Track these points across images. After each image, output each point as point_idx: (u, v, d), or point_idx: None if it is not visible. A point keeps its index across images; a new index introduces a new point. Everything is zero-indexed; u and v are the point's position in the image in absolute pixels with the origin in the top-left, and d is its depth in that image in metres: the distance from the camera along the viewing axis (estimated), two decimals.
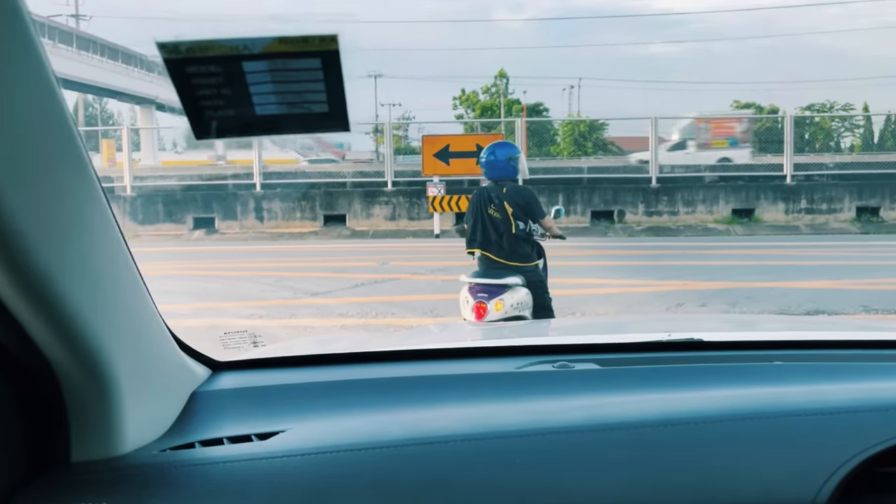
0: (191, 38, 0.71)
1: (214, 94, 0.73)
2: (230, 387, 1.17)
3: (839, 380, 1.14)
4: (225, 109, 0.74)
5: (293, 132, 0.77)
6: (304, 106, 0.75)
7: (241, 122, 0.75)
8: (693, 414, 1.02)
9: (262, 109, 0.75)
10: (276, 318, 7.12)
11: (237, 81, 0.73)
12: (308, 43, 0.71)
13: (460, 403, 1.10)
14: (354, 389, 1.16)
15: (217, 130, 0.75)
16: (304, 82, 0.74)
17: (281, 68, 0.73)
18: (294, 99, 0.75)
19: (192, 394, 1.13)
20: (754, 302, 7.71)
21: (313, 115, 0.76)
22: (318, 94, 0.74)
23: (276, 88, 0.74)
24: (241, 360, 1.29)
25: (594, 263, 10.50)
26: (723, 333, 1.62)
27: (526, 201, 4.86)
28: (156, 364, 1.04)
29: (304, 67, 0.73)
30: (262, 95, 0.74)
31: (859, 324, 2.25)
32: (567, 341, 1.61)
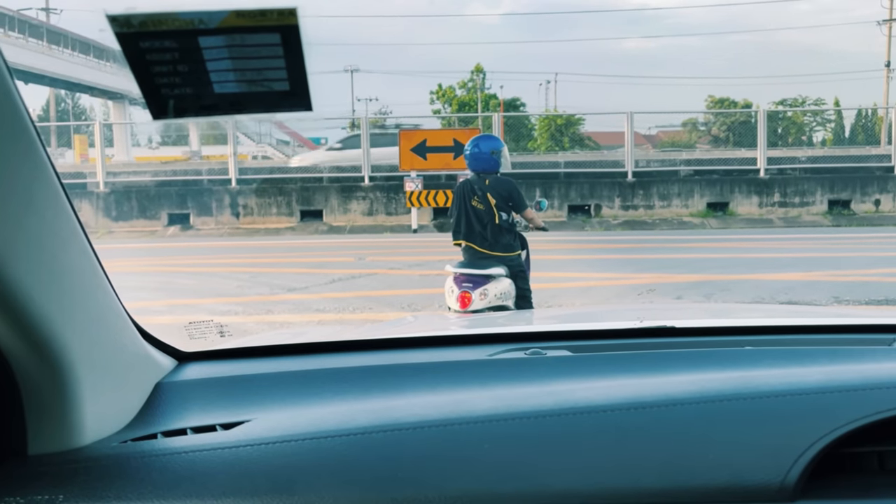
0: (143, 11, 0.68)
1: (170, 72, 0.70)
2: (196, 377, 1.15)
3: (808, 363, 1.15)
4: (182, 87, 0.71)
5: (253, 112, 0.74)
6: (265, 84, 0.72)
7: (199, 101, 0.72)
8: (662, 397, 1.02)
9: (220, 87, 0.72)
10: (252, 314, 7.06)
11: (194, 58, 0.70)
12: (266, 17, 0.68)
13: (431, 391, 1.09)
14: (323, 378, 1.15)
15: (175, 110, 0.72)
16: (264, 58, 0.71)
17: (239, 43, 0.70)
18: (254, 77, 0.72)
19: (157, 384, 1.11)
20: (729, 294, 7.79)
21: (274, 93, 0.72)
22: (278, 72, 0.71)
23: (235, 65, 0.71)
24: (207, 351, 1.28)
25: (572, 257, 10.55)
26: (694, 320, 1.62)
27: (509, 193, 4.95)
28: (117, 355, 1.02)
29: (262, 43, 0.69)
30: (220, 73, 0.71)
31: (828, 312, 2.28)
32: (540, 329, 1.59)
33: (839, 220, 16.13)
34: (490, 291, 4.80)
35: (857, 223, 15.83)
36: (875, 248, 11.43)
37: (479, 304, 4.76)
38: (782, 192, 16.82)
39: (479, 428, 0.97)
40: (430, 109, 52.98)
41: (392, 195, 16.44)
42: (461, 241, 5.04)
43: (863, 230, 14.74)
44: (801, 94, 58.37)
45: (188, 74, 0.71)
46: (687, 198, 16.79)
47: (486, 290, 4.79)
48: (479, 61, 54.96)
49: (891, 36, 48.22)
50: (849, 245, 12.00)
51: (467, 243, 5.01)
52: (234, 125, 18.03)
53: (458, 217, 5.03)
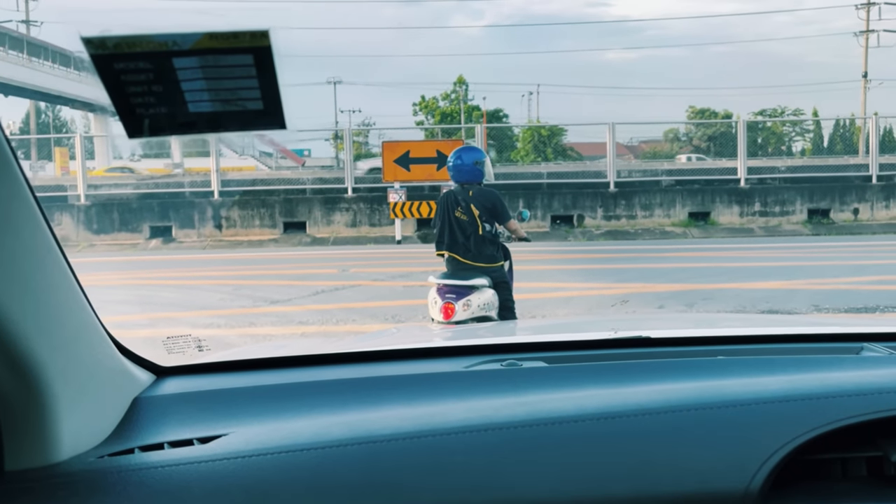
0: (118, 34, 0.69)
1: (145, 92, 0.72)
2: (174, 392, 1.15)
3: (775, 372, 1.17)
4: (157, 107, 0.73)
5: (228, 130, 0.75)
6: (239, 103, 0.74)
7: (174, 120, 0.74)
8: (632, 407, 1.04)
9: (195, 107, 0.73)
10: (234, 327, 7.02)
11: (168, 78, 0.71)
12: (239, 38, 0.70)
13: (407, 403, 1.10)
14: (300, 392, 1.15)
15: (150, 129, 0.73)
16: (237, 79, 0.72)
17: (212, 64, 0.71)
18: (228, 96, 0.73)
19: (135, 399, 1.11)
20: (711, 303, 7.86)
21: (248, 112, 0.74)
22: (251, 91, 0.73)
23: (209, 85, 0.72)
24: (186, 365, 1.28)
25: (555, 267, 10.59)
26: (668, 330, 1.64)
27: (492, 204, 4.98)
28: (94, 370, 1.03)
29: (236, 64, 0.71)
30: (194, 93, 0.73)
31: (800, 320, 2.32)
32: (516, 340, 1.61)
33: (818, 228, 16.32)
34: (473, 302, 4.81)
35: (836, 232, 16.03)
36: (854, 257, 11.57)
37: (462, 314, 4.77)
38: (763, 202, 17.00)
39: (453, 439, 0.98)
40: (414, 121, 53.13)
41: (376, 206, 16.44)
42: (444, 252, 5.06)
43: (842, 239, 14.93)
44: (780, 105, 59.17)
45: (163, 94, 0.72)
46: (669, 207, 16.92)
47: (470, 300, 4.80)
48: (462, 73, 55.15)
49: (868, 47, 49.02)
50: (828, 254, 12.15)
51: (450, 254, 5.03)
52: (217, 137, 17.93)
53: (442, 228, 5.05)
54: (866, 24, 49.35)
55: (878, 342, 1.37)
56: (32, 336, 0.87)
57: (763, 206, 16.98)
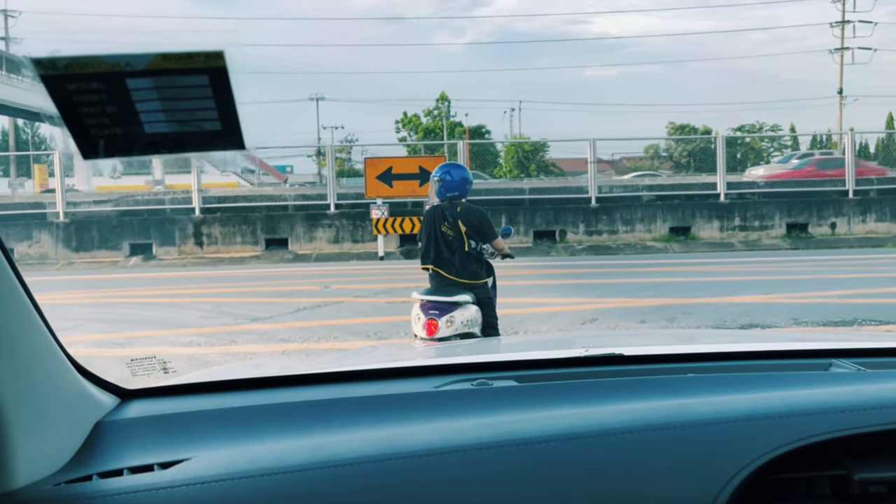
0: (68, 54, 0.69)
1: (99, 112, 0.71)
2: (138, 415, 1.13)
3: (742, 390, 1.17)
4: (112, 128, 0.72)
5: (185, 151, 0.75)
6: (195, 124, 0.73)
7: (130, 140, 0.73)
8: (598, 427, 1.04)
9: (151, 128, 0.73)
10: (215, 346, 6.96)
11: (122, 99, 0.71)
12: (193, 59, 0.70)
13: (373, 425, 1.09)
14: (266, 414, 1.14)
15: (105, 150, 0.73)
16: (193, 99, 0.72)
17: (167, 85, 0.71)
18: (184, 117, 0.73)
19: (97, 423, 1.08)
20: (691, 318, 7.91)
21: (205, 133, 0.74)
22: (208, 112, 0.72)
23: (164, 106, 0.72)
24: (151, 388, 1.25)
25: (537, 283, 10.62)
26: (639, 347, 1.64)
27: (479, 222, 5.00)
28: (52, 394, 1.00)
29: (191, 84, 0.71)
30: (149, 113, 0.72)
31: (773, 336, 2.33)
32: (487, 359, 1.59)
33: (797, 242, 16.51)
34: (457, 318, 4.80)
35: (814, 246, 16.23)
36: (831, 271, 11.71)
37: (445, 331, 4.76)
38: (742, 216, 17.19)
39: (416, 462, 0.97)
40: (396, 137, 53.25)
41: (358, 222, 16.42)
42: (430, 266, 5.06)
43: (820, 253, 15.11)
44: (758, 121, 59.94)
45: (117, 115, 0.71)
46: (650, 223, 17.05)
47: (453, 317, 4.79)
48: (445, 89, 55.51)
49: (843, 64, 49.91)
50: (806, 268, 12.28)
51: (435, 269, 5.03)
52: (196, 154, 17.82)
53: (428, 242, 5.05)
54: (841, 41, 50.27)
55: (847, 358, 1.38)
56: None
57: (743, 220, 17.16)
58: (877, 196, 17.62)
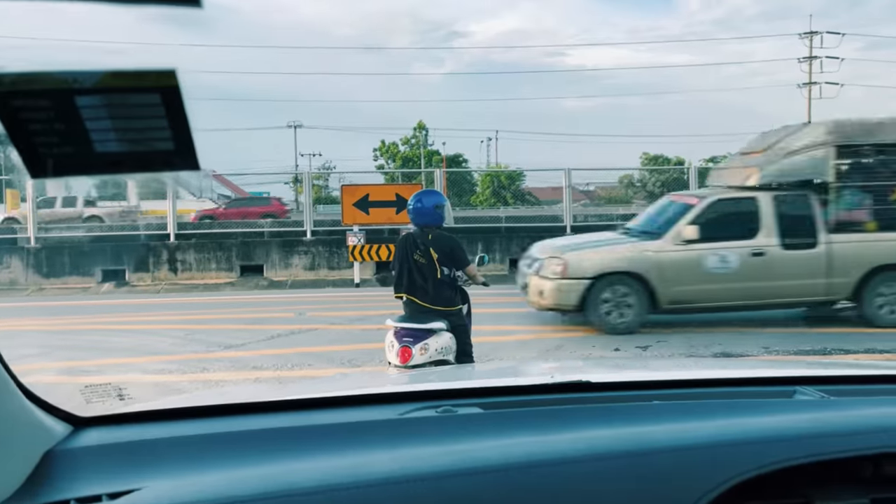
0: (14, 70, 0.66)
1: (47, 130, 0.69)
2: (90, 444, 1.09)
3: (705, 417, 1.17)
4: (61, 147, 0.70)
5: (137, 171, 0.73)
6: (147, 143, 0.71)
7: (80, 159, 0.71)
8: (558, 455, 1.03)
9: (102, 147, 0.70)
10: (186, 373, 6.87)
11: (71, 117, 0.68)
12: (144, 77, 0.68)
13: (335, 453, 1.07)
14: (221, 443, 1.11)
15: (54, 168, 0.71)
16: (145, 118, 0.70)
17: (117, 103, 0.69)
18: (136, 136, 0.71)
19: (47, 452, 1.05)
20: (665, 346, 7.97)
21: (158, 152, 0.72)
22: (161, 132, 0.70)
23: (115, 125, 0.70)
24: (105, 416, 1.22)
25: (513, 310, 10.64)
26: (605, 374, 1.65)
27: (451, 249, 5.00)
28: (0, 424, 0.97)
29: (142, 103, 0.69)
30: (100, 132, 0.70)
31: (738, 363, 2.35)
32: (453, 386, 1.59)
33: None
34: (431, 346, 4.79)
35: None
36: None
37: (419, 358, 4.75)
38: None
39: (376, 491, 0.96)
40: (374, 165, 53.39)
41: (334, 249, 16.38)
42: (403, 294, 5.06)
43: None
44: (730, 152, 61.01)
45: (66, 133, 0.69)
46: None
47: (427, 344, 4.78)
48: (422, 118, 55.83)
49: (811, 98, 51.15)
50: None
51: (409, 297, 5.02)
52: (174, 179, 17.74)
53: (401, 270, 5.06)
54: (809, 76, 51.60)
55: (811, 385, 1.39)
56: None
57: None
58: None
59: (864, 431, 1.13)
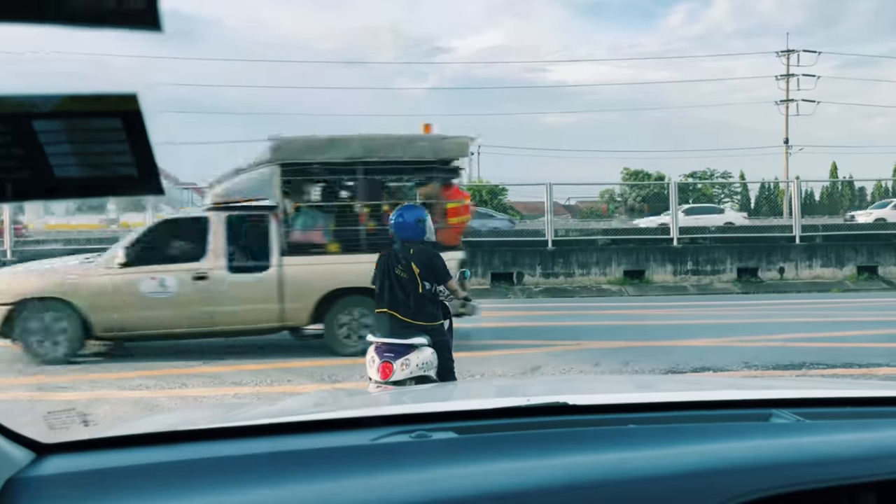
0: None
1: (5, 155, 0.67)
2: (53, 472, 1.06)
3: (683, 442, 1.17)
4: (20, 171, 0.68)
5: (100, 195, 0.72)
6: (110, 168, 0.70)
7: (40, 184, 0.69)
8: (534, 484, 1.02)
9: (61, 171, 0.69)
10: (164, 389, 6.78)
11: (29, 141, 0.67)
12: (104, 102, 0.67)
13: (306, 481, 1.05)
14: (189, 470, 1.08)
15: (14, 193, 0.70)
16: (106, 143, 0.69)
17: (78, 128, 0.68)
18: (97, 160, 0.70)
19: (8, 480, 1.01)
20: (645, 360, 7.99)
21: (121, 177, 0.71)
22: (123, 156, 0.70)
23: (75, 149, 0.69)
24: (70, 442, 1.18)
25: (495, 325, 10.64)
26: (582, 396, 1.63)
27: (432, 263, 4.98)
28: None
29: (103, 128, 0.68)
30: (59, 156, 0.69)
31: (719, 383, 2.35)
32: (427, 409, 1.57)
33: (748, 287, 16.90)
34: (412, 361, 4.76)
35: (763, 290, 16.63)
36: (781, 315, 12.00)
37: (400, 374, 4.71)
38: (695, 261, 17.56)
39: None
40: None
41: None
42: (384, 310, 5.02)
43: (769, 297, 15.49)
44: (709, 167, 61.77)
45: (25, 158, 0.68)
46: (605, 266, 17.30)
47: (408, 359, 4.75)
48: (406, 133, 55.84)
49: (788, 115, 51.93)
50: (757, 311, 12.57)
51: (390, 312, 4.99)
52: None
53: (382, 285, 5.02)
54: (786, 93, 52.42)
55: (787, 408, 1.38)
56: None
57: (695, 265, 17.53)
58: (822, 242, 18.20)
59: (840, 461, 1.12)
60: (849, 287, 16.81)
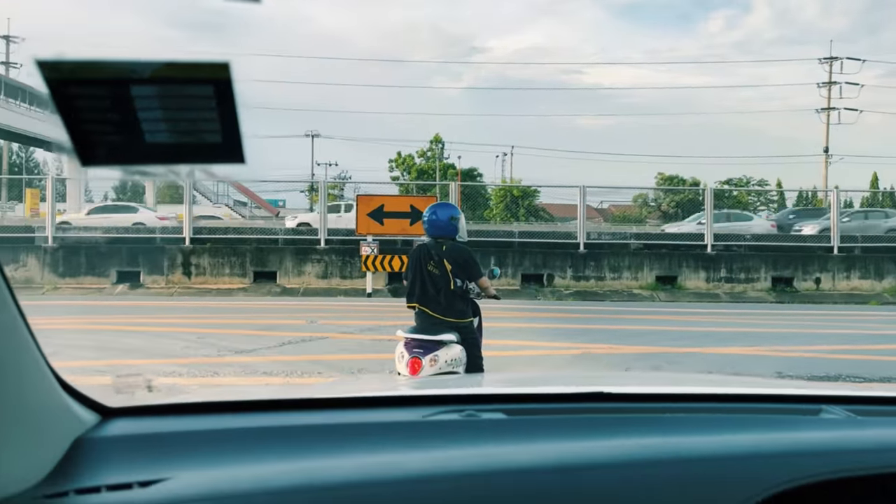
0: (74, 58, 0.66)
1: (100, 119, 0.69)
2: (119, 433, 1.11)
3: (733, 430, 1.18)
4: (112, 136, 0.70)
5: (185, 162, 0.73)
6: (197, 135, 0.71)
7: (129, 149, 0.71)
8: (587, 461, 1.05)
9: (151, 137, 0.71)
10: (196, 376, 6.89)
11: (125, 106, 0.69)
12: (199, 69, 0.68)
13: (363, 452, 1.09)
14: (250, 437, 1.12)
15: (105, 157, 0.71)
16: (196, 110, 0.70)
17: (171, 94, 0.69)
18: (186, 127, 0.71)
19: (77, 439, 1.06)
20: (677, 366, 7.91)
21: (206, 145, 0.72)
22: (210, 124, 0.70)
23: (167, 115, 0.70)
24: (133, 407, 1.23)
25: (524, 325, 10.62)
26: (623, 387, 1.65)
27: (464, 260, 5.00)
28: (32, 408, 0.98)
29: (195, 94, 0.69)
30: (151, 122, 0.70)
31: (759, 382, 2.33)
32: (475, 391, 1.59)
33: (782, 296, 16.62)
34: (441, 358, 4.77)
35: (798, 300, 16.34)
36: (816, 325, 11.79)
37: (429, 370, 4.73)
38: (728, 268, 17.32)
39: (409, 488, 0.98)
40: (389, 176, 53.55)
41: (347, 259, 16.42)
42: (415, 304, 5.05)
43: (804, 307, 15.21)
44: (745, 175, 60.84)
45: (119, 123, 0.69)
46: (637, 270, 17.14)
47: (437, 356, 4.76)
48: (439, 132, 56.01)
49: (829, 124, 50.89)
50: (791, 321, 12.36)
51: (421, 307, 5.01)
52: (192, 184, 17.90)
53: (413, 280, 5.05)
54: (828, 101, 51.36)
55: (836, 405, 1.38)
56: None
57: (729, 272, 17.29)
58: (861, 254, 17.82)
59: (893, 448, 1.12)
60: (887, 300, 16.44)
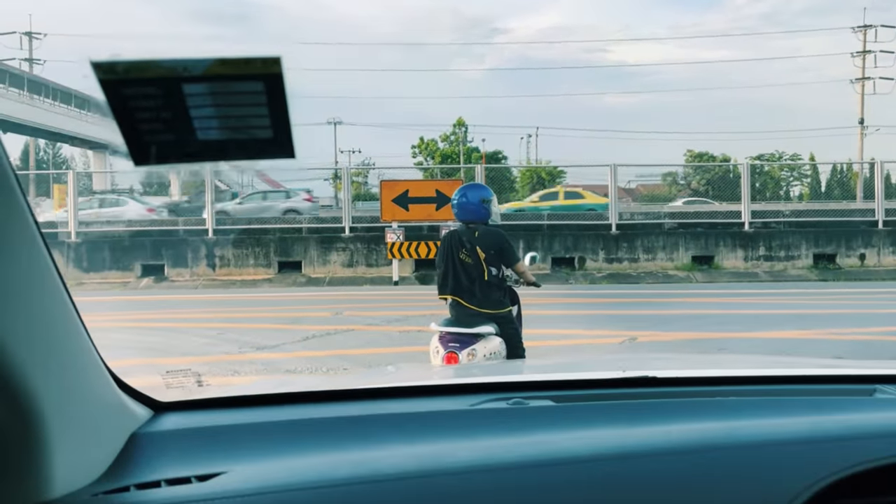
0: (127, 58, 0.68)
1: (153, 118, 0.71)
2: (172, 428, 1.12)
3: (791, 413, 1.15)
4: (165, 134, 0.72)
5: (236, 159, 0.73)
6: (247, 131, 0.73)
7: (181, 147, 0.73)
8: (646, 448, 1.03)
9: (203, 134, 0.72)
10: (216, 375, 6.54)
11: (177, 105, 0.70)
12: (250, 65, 0.69)
13: (412, 441, 1.08)
14: (303, 429, 1.13)
15: (157, 156, 0.72)
16: (247, 106, 0.71)
17: (222, 91, 0.71)
18: (236, 124, 0.72)
19: (132, 435, 1.07)
20: (725, 353, 7.41)
21: (257, 141, 0.73)
22: (261, 119, 0.72)
23: (218, 112, 0.72)
24: (185, 401, 1.24)
25: (560, 312, 10.17)
26: (674, 370, 1.57)
27: (499, 245, 4.57)
28: (90, 404, 0.98)
29: (245, 91, 0.71)
30: (202, 120, 0.72)
31: (810, 362, 2.14)
32: (521, 378, 1.58)
33: (825, 274, 15.94)
34: (479, 351, 4.39)
35: (843, 277, 15.65)
36: (867, 305, 11.16)
37: None
38: (767, 246, 16.66)
39: (459, 479, 0.97)
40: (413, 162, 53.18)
41: (373, 246, 16.06)
42: (448, 296, 4.62)
43: (851, 285, 14.54)
44: (777, 150, 59.47)
45: (171, 121, 0.71)
46: (672, 251, 16.57)
47: (475, 349, 4.38)
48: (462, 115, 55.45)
49: (864, 94, 49.41)
50: (840, 301, 11.74)
51: (454, 298, 4.59)
52: (213, 174, 17.66)
53: (446, 270, 4.62)
54: (862, 71, 49.83)
55: (890, 384, 1.33)
56: (28, 367, 0.82)
57: (768, 250, 16.64)
58: None
59: None
60: None
